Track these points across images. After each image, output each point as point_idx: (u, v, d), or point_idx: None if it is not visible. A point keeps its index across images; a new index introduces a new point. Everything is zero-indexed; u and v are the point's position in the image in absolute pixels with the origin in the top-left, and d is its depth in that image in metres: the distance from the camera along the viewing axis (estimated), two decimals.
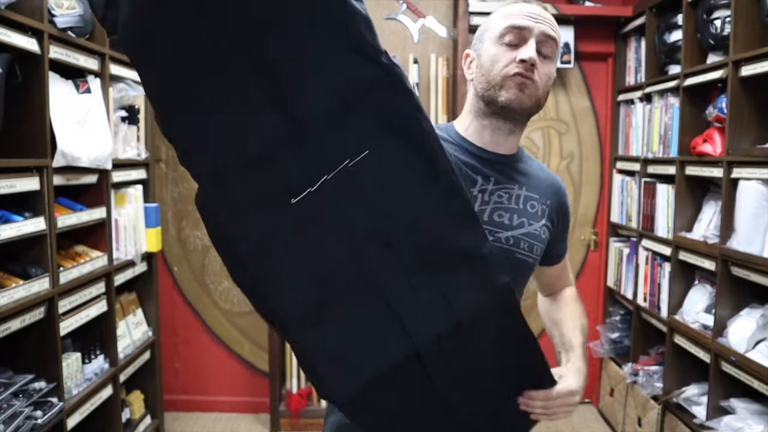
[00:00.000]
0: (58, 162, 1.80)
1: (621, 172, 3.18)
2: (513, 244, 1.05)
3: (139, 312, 2.54)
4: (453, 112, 2.99)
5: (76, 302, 1.94)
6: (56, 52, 1.80)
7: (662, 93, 2.70)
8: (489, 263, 0.88)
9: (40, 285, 1.74)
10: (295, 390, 3.03)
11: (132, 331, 2.42)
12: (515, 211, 1.07)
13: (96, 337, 2.16)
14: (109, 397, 2.15)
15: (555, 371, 1.03)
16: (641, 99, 2.91)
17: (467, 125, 1.11)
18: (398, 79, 0.79)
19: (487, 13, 2.88)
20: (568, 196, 1.20)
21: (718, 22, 2.25)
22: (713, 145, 2.26)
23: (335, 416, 1.11)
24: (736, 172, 2.09)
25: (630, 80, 3.09)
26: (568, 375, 1.05)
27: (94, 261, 2.04)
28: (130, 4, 0.72)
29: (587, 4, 3.04)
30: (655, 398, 2.61)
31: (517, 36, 1.02)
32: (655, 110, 2.77)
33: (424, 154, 0.82)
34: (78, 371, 1.98)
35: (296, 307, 0.81)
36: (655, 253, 2.75)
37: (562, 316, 1.22)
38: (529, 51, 1.00)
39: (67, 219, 1.89)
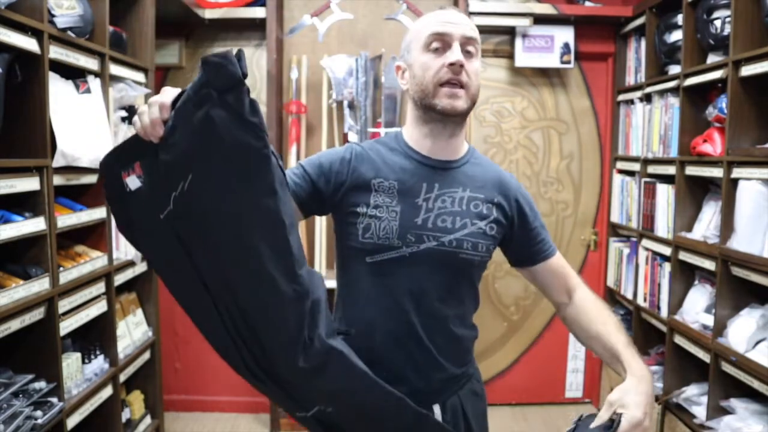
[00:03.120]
0: (58, 162, 1.80)
1: (621, 172, 3.18)
2: (456, 246, 1.11)
3: (139, 312, 2.54)
4: None
5: (76, 302, 1.94)
6: (56, 52, 1.80)
7: (662, 93, 2.70)
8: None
9: (40, 285, 1.74)
10: None
11: (132, 331, 2.42)
12: (458, 214, 1.12)
13: (96, 337, 2.16)
14: (109, 397, 2.14)
15: (615, 396, 0.97)
16: (641, 99, 2.91)
17: (411, 133, 1.18)
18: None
19: (488, 13, 2.94)
20: (518, 189, 1.22)
21: (718, 22, 2.25)
22: (713, 145, 2.26)
23: None
24: (736, 172, 2.09)
25: (630, 80, 3.09)
26: (629, 402, 0.96)
27: (94, 261, 2.04)
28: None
29: (587, 4, 3.04)
30: (655, 398, 2.61)
31: (442, 42, 1.10)
32: (655, 110, 2.77)
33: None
34: (78, 371, 1.98)
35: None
36: (655, 253, 2.75)
37: (593, 329, 1.14)
38: (455, 54, 1.08)
39: (67, 219, 1.89)
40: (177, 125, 0.85)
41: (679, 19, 2.54)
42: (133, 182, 0.89)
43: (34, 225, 1.71)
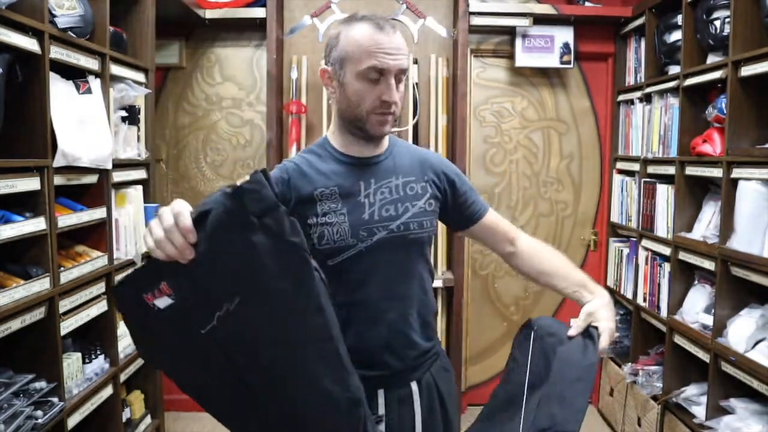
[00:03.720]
0: (58, 162, 1.80)
1: (621, 172, 3.19)
2: (404, 229, 1.22)
3: None
4: (453, 113, 3.00)
5: (76, 302, 1.94)
6: (57, 53, 1.80)
7: (662, 93, 2.70)
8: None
9: (41, 285, 1.74)
10: None
11: None
12: (398, 200, 1.23)
13: (96, 336, 2.16)
14: (110, 397, 2.15)
15: (591, 308, 1.16)
16: (641, 99, 2.91)
17: (337, 138, 1.26)
18: None
19: (488, 13, 2.94)
20: (441, 162, 1.35)
21: (717, 22, 2.26)
22: (713, 145, 2.26)
23: None
24: (736, 172, 2.09)
25: (630, 80, 3.10)
26: (603, 317, 1.16)
27: (94, 261, 2.04)
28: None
29: (587, 4, 3.04)
30: (654, 398, 2.61)
31: (378, 73, 1.15)
32: (654, 110, 2.77)
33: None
34: (78, 371, 1.98)
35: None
36: (654, 253, 2.76)
37: (549, 265, 1.32)
38: (391, 94, 1.15)
39: (68, 219, 1.89)
40: (213, 250, 0.81)
41: (679, 19, 2.54)
42: (163, 302, 0.86)
43: (35, 225, 1.71)
